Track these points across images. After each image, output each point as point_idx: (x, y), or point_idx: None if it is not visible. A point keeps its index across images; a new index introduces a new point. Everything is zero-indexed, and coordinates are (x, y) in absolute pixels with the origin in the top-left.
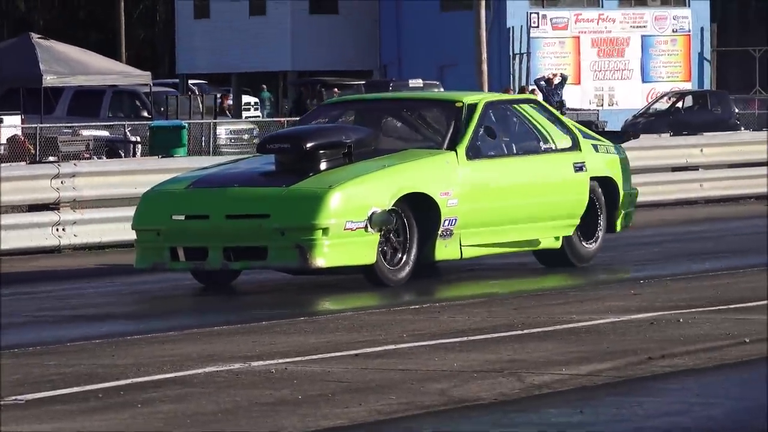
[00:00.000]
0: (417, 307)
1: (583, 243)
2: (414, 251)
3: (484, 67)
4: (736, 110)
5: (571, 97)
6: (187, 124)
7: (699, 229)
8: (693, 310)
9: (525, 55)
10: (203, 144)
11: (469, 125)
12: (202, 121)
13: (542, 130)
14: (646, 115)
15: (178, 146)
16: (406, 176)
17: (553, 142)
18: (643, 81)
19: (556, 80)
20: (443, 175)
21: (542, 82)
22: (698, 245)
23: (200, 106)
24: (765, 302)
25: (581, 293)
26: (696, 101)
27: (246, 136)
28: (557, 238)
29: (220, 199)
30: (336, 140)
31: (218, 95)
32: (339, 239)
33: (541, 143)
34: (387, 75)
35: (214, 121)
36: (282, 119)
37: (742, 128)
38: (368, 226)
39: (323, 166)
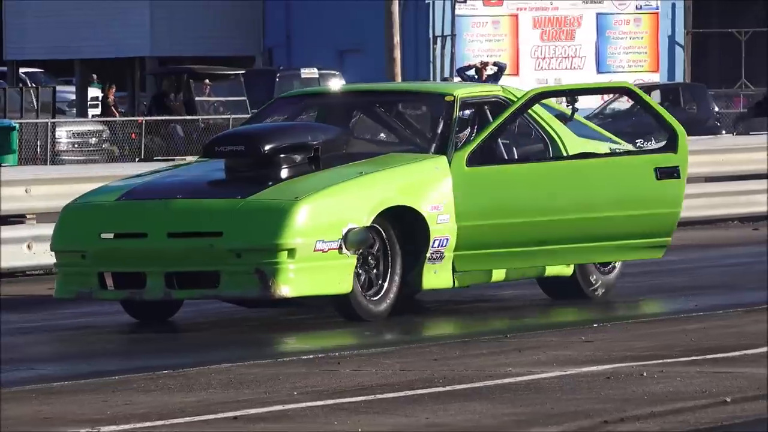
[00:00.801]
0: (311, 357)
1: (600, 269)
2: (397, 278)
3: (397, 53)
4: (716, 108)
5: None
6: (17, 125)
7: (669, 259)
8: (660, 361)
9: (449, 38)
10: (39, 149)
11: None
12: (37, 120)
13: (552, 132)
14: (601, 116)
15: (6, 152)
16: (388, 186)
17: (564, 147)
18: (599, 71)
19: (489, 70)
20: (432, 186)
21: (469, 72)
22: (667, 279)
23: (34, 102)
24: (750, 352)
25: (520, 339)
26: (665, 97)
27: (93, 140)
28: (568, 265)
29: (160, 214)
30: (300, 141)
31: (105, 86)
32: (308, 262)
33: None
34: (273, 62)
35: (53, 120)
36: (140, 119)
37: (724, 131)
38: (343, 246)
39: (285, 173)
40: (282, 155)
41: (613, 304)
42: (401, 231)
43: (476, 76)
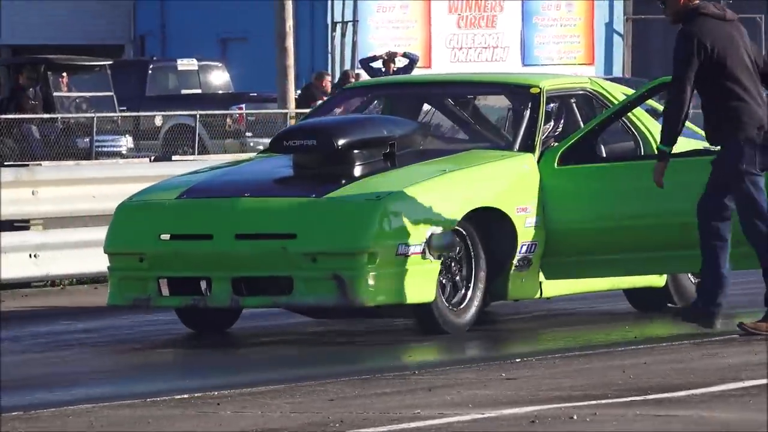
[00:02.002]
0: (187, 396)
1: (693, 281)
2: (481, 286)
3: (289, 41)
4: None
5: None
6: None
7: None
8: (593, 402)
9: (350, 24)
10: None
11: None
12: None
13: (643, 128)
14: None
15: None
16: (474, 185)
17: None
18: (524, 64)
19: (398, 62)
20: (520, 186)
21: (374, 64)
22: (607, 305)
23: None
24: (699, 391)
25: (430, 376)
26: None
27: None
28: (660, 275)
29: (226, 213)
30: (375, 136)
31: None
32: (389, 268)
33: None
34: (145, 51)
35: None
36: None
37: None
38: (427, 250)
39: (358, 170)
40: (356, 151)
41: (536, 332)
42: (486, 235)
43: (383, 69)
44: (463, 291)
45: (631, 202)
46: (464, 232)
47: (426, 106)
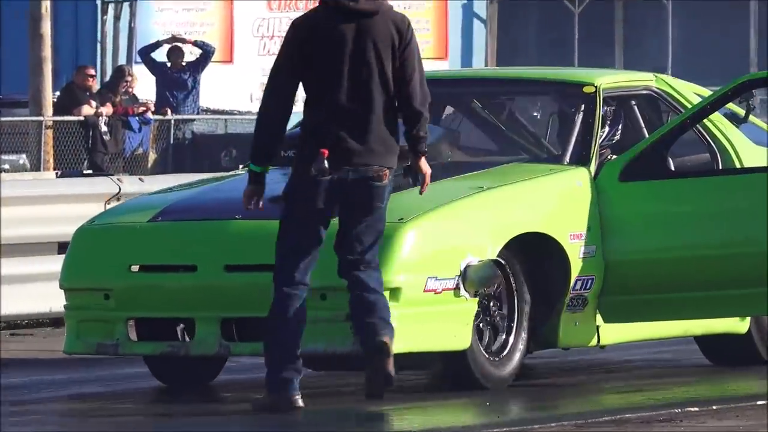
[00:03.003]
0: None
1: None
2: (524, 331)
3: (45, 26)
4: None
5: (215, 86)
6: None
7: None
8: None
9: (126, 5)
10: None
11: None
12: None
13: (721, 137)
14: None
15: None
16: (517, 206)
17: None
18: None
19: (188, 54)
20: (573, 206)
21: (156, 55)
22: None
23: None
24: None
25: None
26: None
27: None
28: (742, 319)
29: (214, 239)
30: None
31: None
32: (416, 307)
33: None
34: None
35: None
36: None
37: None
38: (461, 286)
39: None
40: None
41: (592, 387)
42: (532, 267)
43: (168, 63)
44: (503, 336)
45: (713, 227)
46: (505, 264)
47: (449, 109)
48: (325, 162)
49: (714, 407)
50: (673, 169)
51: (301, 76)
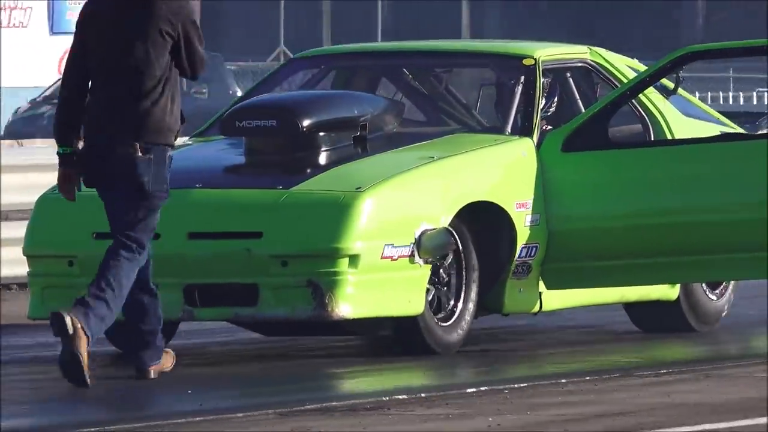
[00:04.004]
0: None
1: (708, 293)
2: (473, 297)
3: None
4: (238, 91)
5: None
6: None
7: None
8: None
9: None
10: None
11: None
12: None
13: (653, 109)
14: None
15: None
16: (465, 175)
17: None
18: (54, 32)
19: None
20: (518, 176)
21: None
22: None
23: None
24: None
25: (419, 406)
26: None
27: None
28: (672, 286)
29: (176, 208)
30: (345, 116)
31: None
32: (373, 273)
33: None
34: None
35: None
36: None
37: None
38: (416, 253)
39: (325, 157)
40: (322, 133)
41: (537, 352)
42: (479, 235)
43: None
44: (452, 302)
45: (652, 196)
46: (453, 232)
47: (385, 82)
48: None
49: (647, 373)
50: (612, 140)
51: None
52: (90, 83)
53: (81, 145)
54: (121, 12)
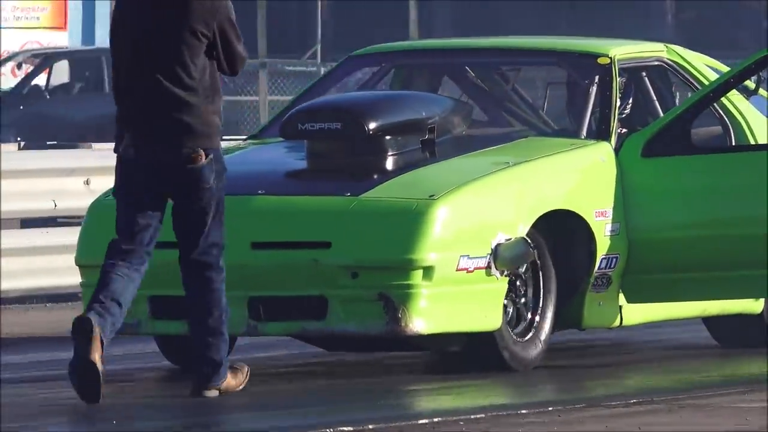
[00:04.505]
0: None
1: None
2: (551, 311)
3: None
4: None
5: None
6: None
7: None
8: None
9: None
10: None
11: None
12: None
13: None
14: None
15: None
16: (543, 182)
17: None
18: None
19: None
20: (597, 183)
21: None
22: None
23: None
24: None
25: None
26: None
27: None
28: (757, 300)
29: (239, 216)
30: (412, 118)
31: None
32: (448, 286)
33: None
34: None
35: None
36: None
37: None
38: (492, 264)
39: (392, 162)
40: (388, 137)
41: (618, 370)
42: (557, 246)
43: None
44: (528, 316)
45: (739, 204)
46: (531, 242)
47: (447, 81)
48: None
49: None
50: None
51: None
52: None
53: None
54: (151, 14)
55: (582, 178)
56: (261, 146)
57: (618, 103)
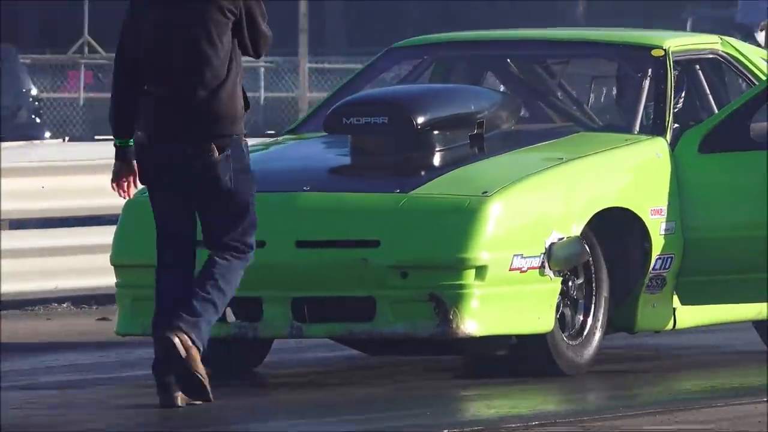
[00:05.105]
0: None
1: None
2: (603, 313)
3: None
4: (35, 91)
5: None
6: None
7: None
8: None
9: None
10: None
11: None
12: None
13: None
14: None
15: None
16: (597, 179)
17: None
18: None
19: None
20: (653, 179)
21: None
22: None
23: None
24: None
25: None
26: None
27: None
28: None
29: (283, 213)
30: (461, 112)
31: None
32: (501, 287)
33: None
34: None
35: None
36: None
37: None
38: (546, 264)
39: (440, 157)
40: (436, 131)
41: (670, 374)
42: (609, 244)
43: None
44: (581, 318)
45: None
46: (584, 241)
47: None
48: None
49: None
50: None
51: None
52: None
53: (141, 143)
54: None
55: (637, 174)
56: (300, 141)
57: (673, 96)
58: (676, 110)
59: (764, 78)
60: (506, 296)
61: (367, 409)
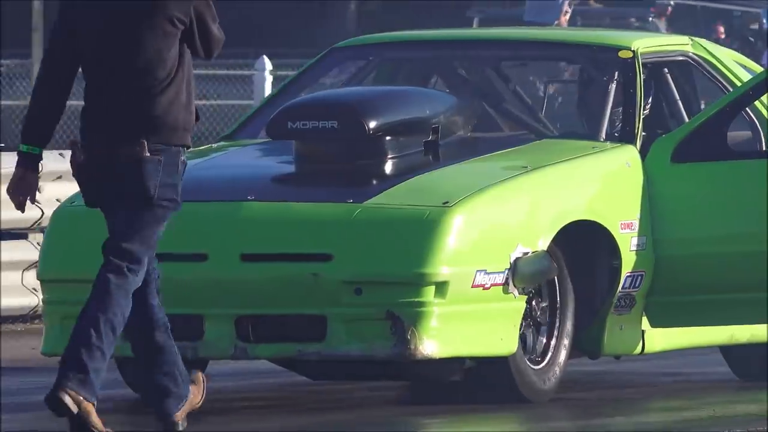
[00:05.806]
0: None
1: None
2: (567, 335)
3: None
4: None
5: None
6: None
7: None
8: None
9: None
10: None
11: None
12: None
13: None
14: None
15: None
16: (565, 190)
17: None
18: None
19: None
20: (622, 191)
21: None
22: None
23: None
24: None
25: None
26: None
27: None
28: None
29: (227, 224)
30: (415, 117)
31: None
32: (462, 305)
33: None
34: None
35: None
36: None
37: None
38: (510, 281)
39: (393, 165)
40: (389, 137)
41: (636, 401)
42: (576, 260)
43: None
44: (544, 339)
45: None
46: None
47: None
48: None
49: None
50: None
51: None
52: (82, 80)
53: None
54: None
55: (606, 185)
56: (240, 148)
57: (643, 101)
58: (643, 116)
59: (738, 83)
60: (468, 315)
61: None
